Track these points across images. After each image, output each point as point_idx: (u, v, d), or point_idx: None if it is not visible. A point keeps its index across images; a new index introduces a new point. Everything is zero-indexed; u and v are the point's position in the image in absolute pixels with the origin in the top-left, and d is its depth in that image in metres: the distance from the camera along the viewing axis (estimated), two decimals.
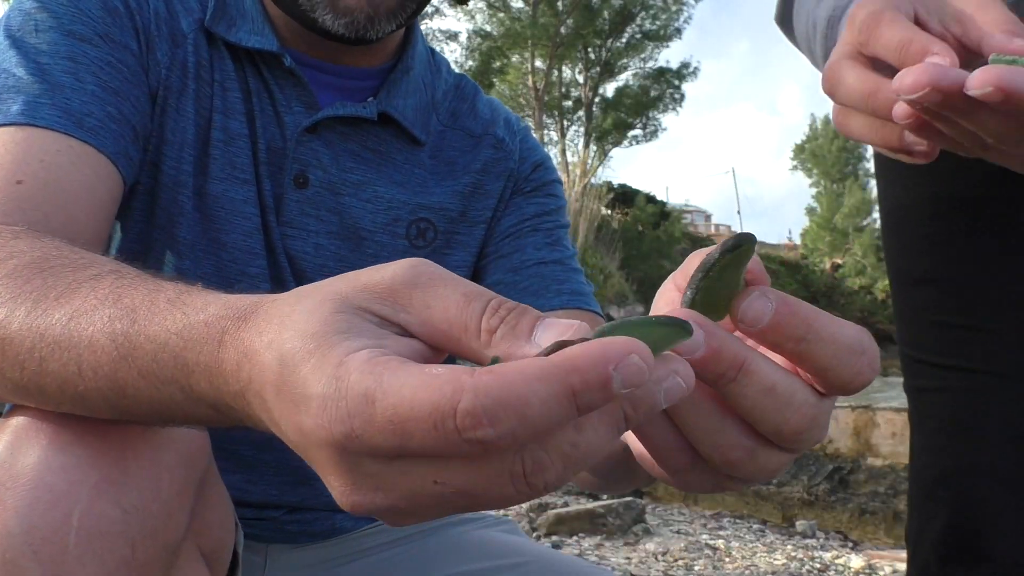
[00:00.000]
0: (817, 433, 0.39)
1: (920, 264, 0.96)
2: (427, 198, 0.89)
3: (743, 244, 0.38)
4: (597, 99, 25.18)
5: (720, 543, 2.95)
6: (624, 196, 19.96)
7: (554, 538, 2.87)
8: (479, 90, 1.00)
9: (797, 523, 3.27)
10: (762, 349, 0.40)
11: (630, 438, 0.46)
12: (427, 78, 0.93)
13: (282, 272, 0.83)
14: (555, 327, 0.35)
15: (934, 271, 0.94)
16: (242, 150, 0.82)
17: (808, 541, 3.08)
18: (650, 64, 25.58)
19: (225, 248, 0.82)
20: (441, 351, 0.38)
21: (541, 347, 0.34)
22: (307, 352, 0.34)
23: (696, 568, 2.64)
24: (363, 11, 0.78)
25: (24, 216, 0.64)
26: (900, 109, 0.51)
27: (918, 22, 0.58)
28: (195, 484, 0.52)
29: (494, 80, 22.95)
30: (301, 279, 0.83)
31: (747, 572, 2.61)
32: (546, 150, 1.03)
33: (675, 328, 0.35)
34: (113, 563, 0.46)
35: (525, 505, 3.23)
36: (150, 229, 0.81)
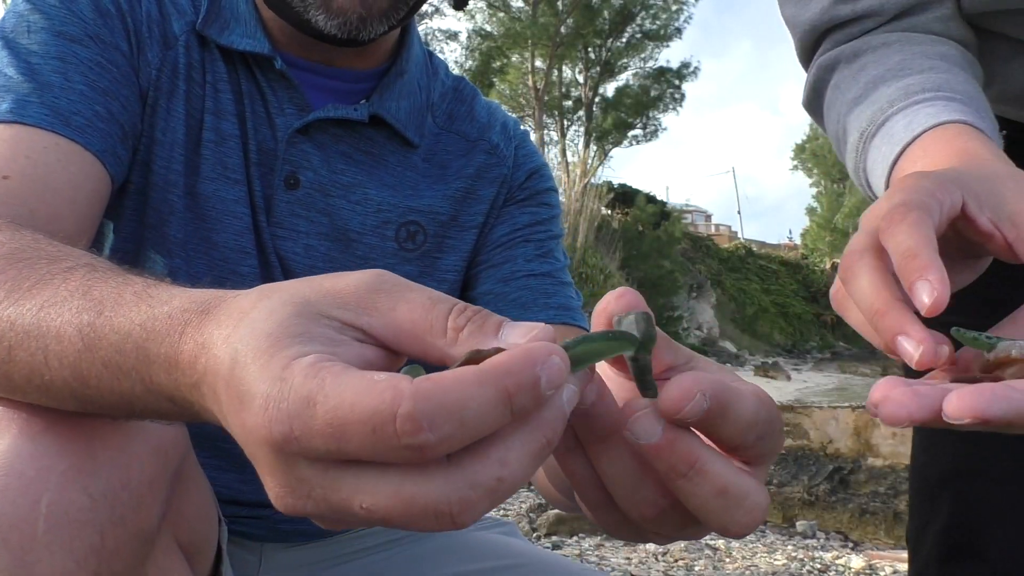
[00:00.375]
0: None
1: None
2: (418, 201, 0.89)
3: (653, 336, 0.40)
4: (597, 99, 25.19)
5: (720, 543, 2.95)
6: (624, 196, 19.96)
7: (554, 538, 2.86)
8: (478, 93, 0.99)
9: (797, 523, 3.26)
10: None
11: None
12: (423, 80, 0.93)
13: (272, 272, 0.84)
14: (520, 328, 0.36)
15: None
16: (233, 150, 0.83)
17: (808, 541, 3.07)
18: (650, 64, 25.60)
19: (216, 247, 0.82)
20: (401, 355, 0.38)
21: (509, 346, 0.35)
22: (259, 351, 0.34)
23: (696, 568, 2.63)
24: (355, 11, 0.78)
25: (8, 210, 0.65)
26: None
27: (965, 213, 0.53)
28: (168, 475, 0.53)
29: (494, 80, 22.96)
30: (291, 279, 0.83)
31: (747, 572, 2.60)
32: (546, 150, 1.03)
33: (623, 340, 0.38)
34: (82, 550, 0.47)
35: (525, 505, 3.23)
36: (141, 229, 0.81)
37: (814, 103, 0.83)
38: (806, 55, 0.84)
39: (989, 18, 0.79)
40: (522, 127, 1.01)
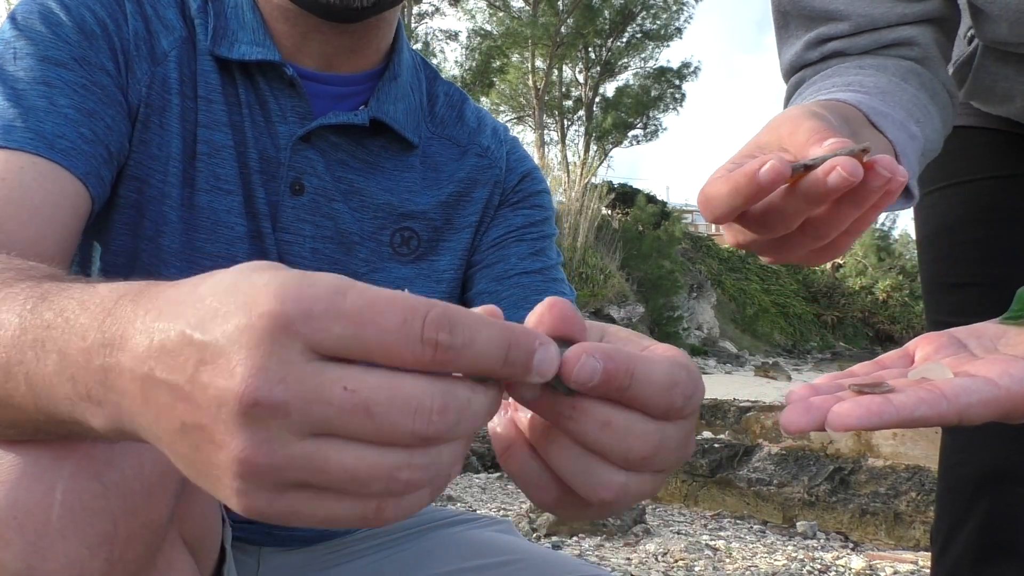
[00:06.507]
0: (671, 455, 0.41)
1: (963, 269, 1.02)
2: (412, 207, 0.92)
3: None
4: (597, 99, 25.20)
5: (720, 544, 2.94)
6: (624, 196, 19.98)
7: (554, 539, 2.86)
8: (467, 98, 1.02)
9: (798, 524, 3.26)
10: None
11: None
12: (414, 84, 0.95)
13: None
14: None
15: (978, 275, 0.97)
16: (227, 161, 0.84)
17: (809, 542, 3.07)
18: (651, 64, 25.62)
19: (208, 257, 0.84)
20: None
21: None
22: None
23: (696, 569, 2.63)
24: None
25: None
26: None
27: None
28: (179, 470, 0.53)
29: (494, 80, 22.94)
30: None
31: (747, 573, 2.60)
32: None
33: None
34: (95, 538, 0.48)
35: (525, 505, 3.22)
36: (135, 241, 0.83)
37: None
38: (786, 80, 0.93)
39: (1012, 45, 0.85)
40: (518, 129, 1.04)
